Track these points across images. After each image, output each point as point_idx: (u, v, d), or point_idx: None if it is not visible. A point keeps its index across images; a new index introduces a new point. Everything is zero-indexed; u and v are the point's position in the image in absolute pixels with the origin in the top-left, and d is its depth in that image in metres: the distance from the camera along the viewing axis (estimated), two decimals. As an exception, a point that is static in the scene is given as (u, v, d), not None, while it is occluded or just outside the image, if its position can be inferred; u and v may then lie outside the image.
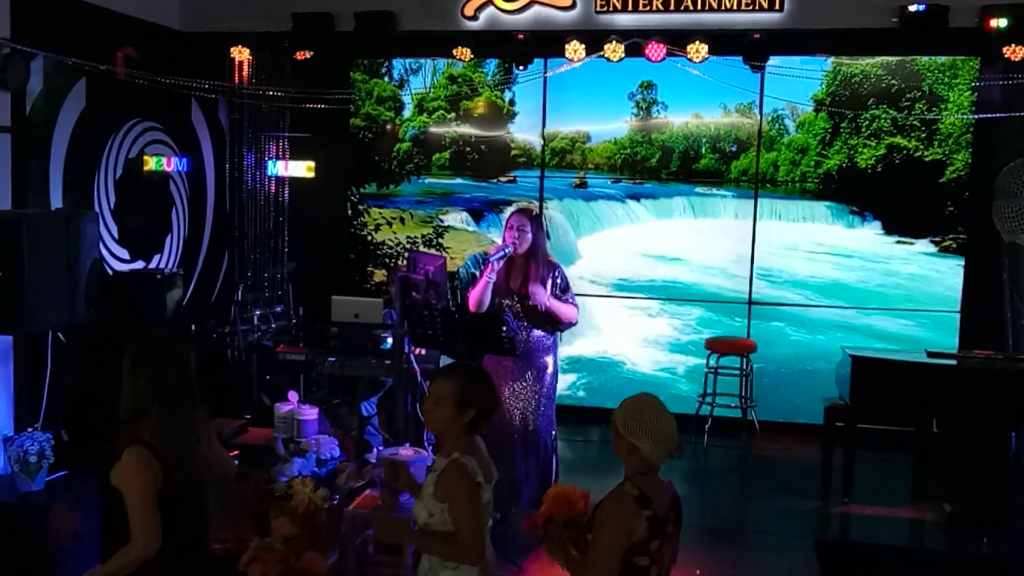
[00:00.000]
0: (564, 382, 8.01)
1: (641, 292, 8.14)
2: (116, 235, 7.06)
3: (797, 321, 7.88)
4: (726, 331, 7.89)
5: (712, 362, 7.51)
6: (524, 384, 5.46)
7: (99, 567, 3.11)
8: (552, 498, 3.11)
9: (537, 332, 5.45)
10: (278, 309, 7.78)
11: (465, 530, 2.97)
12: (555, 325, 5.52)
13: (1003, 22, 6.64)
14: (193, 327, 7.21)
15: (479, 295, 5.36)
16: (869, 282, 7.77)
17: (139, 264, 7.32)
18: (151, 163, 7.47)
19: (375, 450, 6.08)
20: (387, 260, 8.51)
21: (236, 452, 5.59)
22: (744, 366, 7.47)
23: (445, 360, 6.41)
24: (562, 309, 5.42)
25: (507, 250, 5.36)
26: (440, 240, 8.41)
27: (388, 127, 8.46)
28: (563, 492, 3.11)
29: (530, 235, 5.39)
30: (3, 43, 5.66)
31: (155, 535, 2.92)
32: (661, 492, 2.91)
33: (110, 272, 6.81)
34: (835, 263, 7.83)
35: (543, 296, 5.35)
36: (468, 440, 3.11)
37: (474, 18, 7.53)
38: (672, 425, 2.91)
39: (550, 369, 5.53)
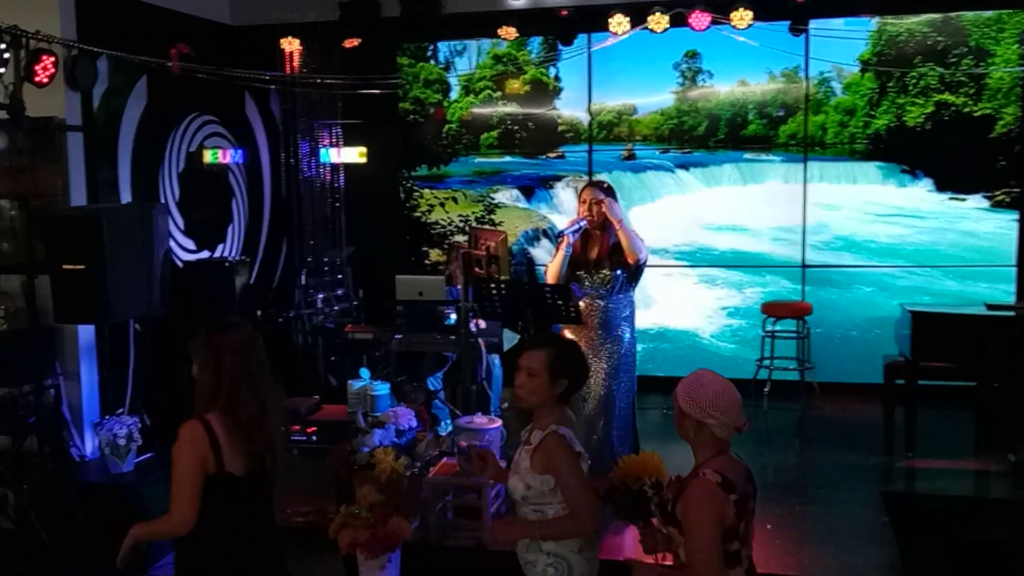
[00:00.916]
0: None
1: (694, 260, 8.22)
2: (182, 227, 7.30)
3: (852, 282, 7.92)
4: (781, 295, 7.96)
5: (769, 326, 7.59)
6: (602, 353, 5.58)
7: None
8: (623, 470, 3.17)
9: (613, 302, 5.57)
10: (339, 292, 7.99)
11: (578, 499, 2.97)
12: (630, 276, 5.61)
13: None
14: (259, 312, 7.44)
15: (558, 267, 5.51)
16: (924, 240, 7.79)
17: (204, 254, 7.56)
18: (207, 156, 7.69)
19: (443, 423, 6.29)
20: (442, 240, 8.67)
21: (314, 428, 5.84)
22: (800, 328, 7.54)
23: (508, 333, 6.59)
24: (633, 234, 5.49)
25: (582, 223, 5.49)
26: (492, 217, 8.55)
27: (431, 111, 8.59)
28: (632, 464, 3.16)
29: (604, 207, 5.51)
30: (71, 45, 5.88)
31: (189, 512, 2.88)
32: (738, 470, 2.83)
33: (179, 263, 7.05)
34: (888, 222, 7.85)
35: (618, 210, 5.49)
36: (561, 412, 3.11)
37: (518, -3, 7.64)
38: (737, 398, 2.84)
39: (627, 338, 5.63)
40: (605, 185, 5.67)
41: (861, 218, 7.90)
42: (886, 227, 7.87)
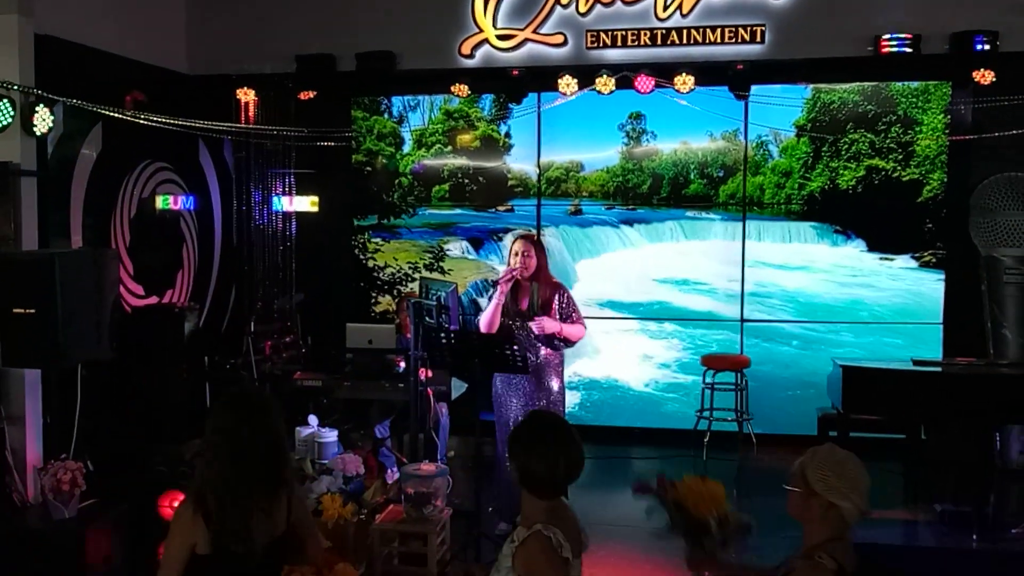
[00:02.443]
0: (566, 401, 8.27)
1: (637, 313, 8.45)
2: (132, 272, 7.33)
3: (788, 337, 8.21)
4: (720, 347, 8.21)
5: (708, 378, 7.82)
6: (534, 402, 5.73)
7: None
8: (686, 492, 2.88)
9: (544, 351, 5.73)
10: (288, 339, 8.03)
11: None
12: (561, 342, 5.82)
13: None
14: (206, 358, 7.45)
15: (490, 317, 5.67)
16: (857, 297, 8.11)
17: (153, 299, 7.58)
18: (158, 202, 7.74)
19: (389, 470, 6.37)
20: (391, 289, 8.79)
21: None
22: (739, 381, 7.78)
23: (457, 383, 6.71)
24: (570, 331, 5.74)
25: (513, 274, 5.68)
26: (441, 265, 8.71)
27: (379, 165, 8.75)
28: (697, 490, 2.90)
29: (533, 259, 5.73)
30: (29, 91, 5.94)
31: None
32: (852, 558, 2.62)
33: (128, 308, 7.06)
34: (822, 280, 8.18)
35: (551, 325, 5.68)
36: (546, 505, 2.77)
37: (471, 56, 7.90)
38: (869, 479, 2.64)
39: (557, 387, 5.81)
40: (535, 238, 5.88)
41: (797, 275, 8.21)
42: (821, 284, 8.19)
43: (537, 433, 2.85)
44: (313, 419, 5.96)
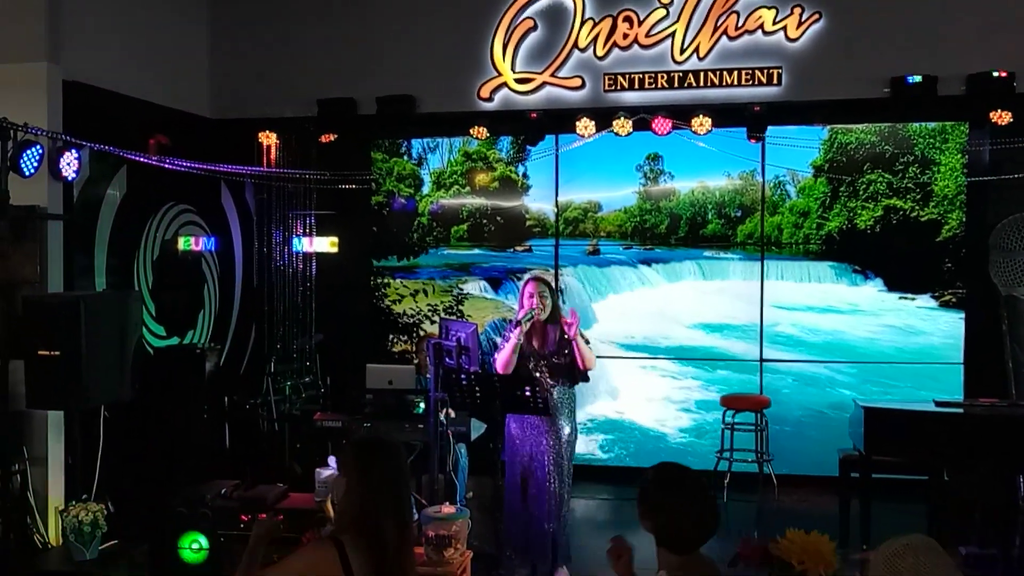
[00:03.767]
0: (582, 442, 8.24)
1: (655, 353, 8.44)
2: (154, 313, 7.40)
3: (808, 378, 8.17)
4: (739, 389, 8.18)
5: (728, 418, 7.78)
6: (546, 442, 5.72)
7: None
8: (791, 548, 2.77)
9: (557, 394, 5.74)
10: (307, 379, 8.07)
11: None
12: (574, 377, 5.83)
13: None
14: (226, 398, 7.49)
15: (507, 357, 5.68)
16: (877, 337, 8.08)
17: (174, 340, 7.64)
18: (180, 243, 7.84)
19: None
20: (411, 330, 8.82)
21: (281, 516, 5.86)
22: (759, 421, 7.73)
23: (476, 423, 6.70)
24: (584, 349, 5.73)
25: (532, 314, 5.71)
26: (460, 307, 8.75)
27: (396, 203, 8.82)
28: (803, 545, 2.78)
29: (549, 300, 5.77)
30: (56, 136, 6.06)
31: None
32: None
33: (149, 348, 7.12)
34: (841, 320, 8.16)
35: (583, 347, 5.72)
36: (688, 559, 2.72)
37: (489, 99, 8.00)
38: (952, 563, 2.34)
39: (567, 431, 5.80)
40: (548, 280, 5.95)
41: (816, 315, 8.20)
42: (841, 324, 8.17)
43: (675, 487, 2.80)
44: (333, 460, 5.96)
